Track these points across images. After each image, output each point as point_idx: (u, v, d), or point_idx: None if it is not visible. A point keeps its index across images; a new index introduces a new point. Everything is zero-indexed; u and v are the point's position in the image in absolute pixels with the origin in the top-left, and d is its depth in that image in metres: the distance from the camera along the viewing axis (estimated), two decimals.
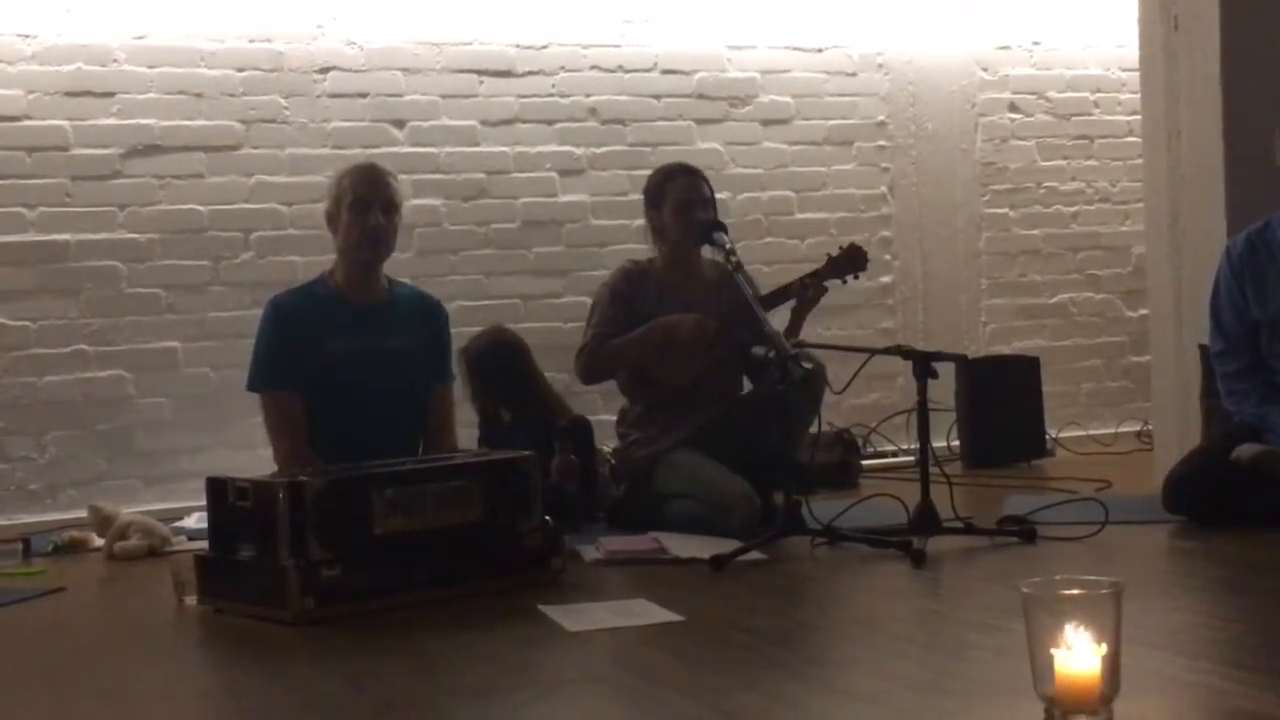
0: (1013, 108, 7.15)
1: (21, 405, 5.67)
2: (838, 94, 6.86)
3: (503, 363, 5.29)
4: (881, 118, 6.92)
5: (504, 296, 6.27)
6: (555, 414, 5.21)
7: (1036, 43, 7.19)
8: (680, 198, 5.02)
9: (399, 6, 6.18)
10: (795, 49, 6.79)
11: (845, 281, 4.97)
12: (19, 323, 5.68)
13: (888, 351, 4.76)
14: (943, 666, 3.04)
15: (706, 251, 5.06)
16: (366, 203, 4.66)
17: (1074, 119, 7.25)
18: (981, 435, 6.28)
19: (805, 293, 4.89)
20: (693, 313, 4.93)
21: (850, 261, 4.92)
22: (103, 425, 5.77)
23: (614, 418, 5.32)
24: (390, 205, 4.72)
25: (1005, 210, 7.13)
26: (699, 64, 6.63)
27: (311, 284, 4.86)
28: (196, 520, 5.07)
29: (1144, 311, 6.27)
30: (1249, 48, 5.21)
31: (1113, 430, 6.95)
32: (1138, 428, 6.81)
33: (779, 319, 4.90)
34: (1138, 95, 5.85)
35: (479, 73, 6.30)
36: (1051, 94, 7.21)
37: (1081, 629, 2.31)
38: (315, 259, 5.63)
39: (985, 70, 7.10)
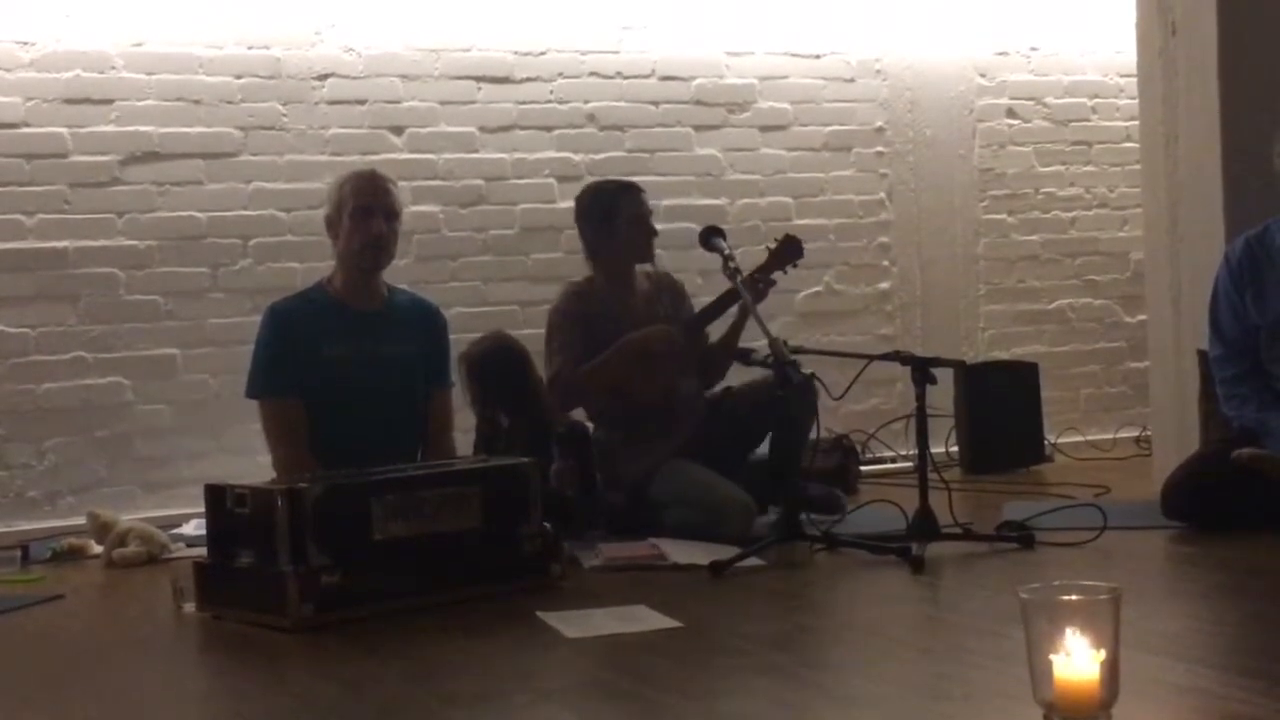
0: (1011, 113, 7.16)
1: (20, 412, 5.67)
2: (836, 100, 6.86)
3: (502, 368, 5.29)
4: (879, 124, 6.93)
5: (502, 303, 6.27)
6: (553, 420, 5.21)
7: (1034, 48, 7.20)
8: (637, 212, 5.07)
9: (397, 13, 6.18)
10: (793, 55, 6.79)
11: (786, 272, 5.06)
12: (18, 330, 5.68)
13: (886, 357, 4.76)
14: (941, 672, 3.04)
15: (659, 262, 5.17)
16: (368, 210, 4.66)
17: (1072, 124, 7.25)
18: (980, 441, 6.28)
19: (755, 287, 4.90)
20: (643, 324, 4.96)
21: (788, 252, 5.02)
22: (101, 432, 5.76)
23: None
24: (391, 212, 4.72)
25: (1003, 216, 7.14)
26: (697, 70, 6.63)
27: (310, 290, 4.87)
28: (195, 527, 5.06)
29: (1142, 317, 6.27)
30: (1247, 53, 5.22)
31: (1111, 436, 6.95)
32: (1136, 433, 6.80)
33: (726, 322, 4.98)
34: (1136, 101, 5.86)
35: (477, 79, 6.31)
36: (1049, 100, 7.22)
37: (1080, 634, 2.31)
38: (314, 265, 5.63)
39: (983, 76, 7.11)
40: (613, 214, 5.07)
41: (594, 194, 5.19)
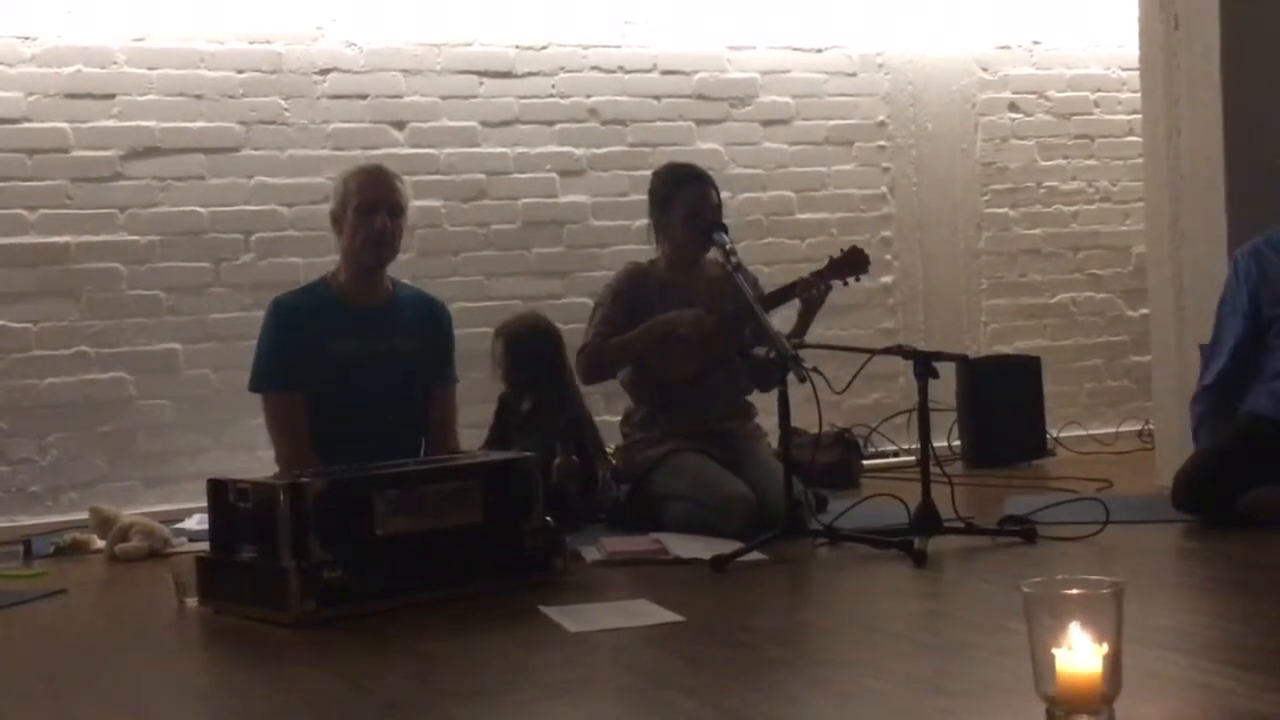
0: (1013, 107, 7.15)
1: (22, 407, 5.67)
2: (838, 94, 6.86)
3: (536, 347, 5.27)
4: (881, 118, 6.92)
5: (505, 297, 6.27)
6: (574, 408, 5.23)
7: (1036, 42, 7.20)
8: (690, 208, 5.01)
9: (399, 8, 6.18)
10: (795, 49, 6.79)
11: (846, 283, 4.95)
12: (20, 325, 5.68)
13: (888, 351, 4.75)
14: (944, 666, 3.04)
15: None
16: (372, 205, 4.66)
17: (1074, 118, 7.25)
18: (982, 435, 6.28)
19: (808, 292, 4.88)
20: (694, 310, 4.93)
21: (851, 264, 4.90)
22: (103, 427, 5.77)
23: (616, 418, 5.33)
24: (396, 208, 4.71)
25: (1006, 210, 7.13)
26: (699, 64, 6.63)
27: (314, 285, 4.86)
28: (197, 522, 5.07)
29: (1145, 311, 6.27)
30: (1249, 46, 5.22)
31: (1114, 430, 6.95)
32: (1139, 427, 6.80)
33: (786, 321, 4.90)
34: (1138, 94, 5.86)
35: (479, 74, 6.31)
36: (1052, 93, 7.21)
37: (1083, 629, 2.31)
38: (316, 260, 5.64)
39: (985, 70, 7.10)
40: (669, 205, 5.06)
41: (659, 179, 5.15)
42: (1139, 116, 5.93)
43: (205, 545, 4.02)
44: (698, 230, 4.95)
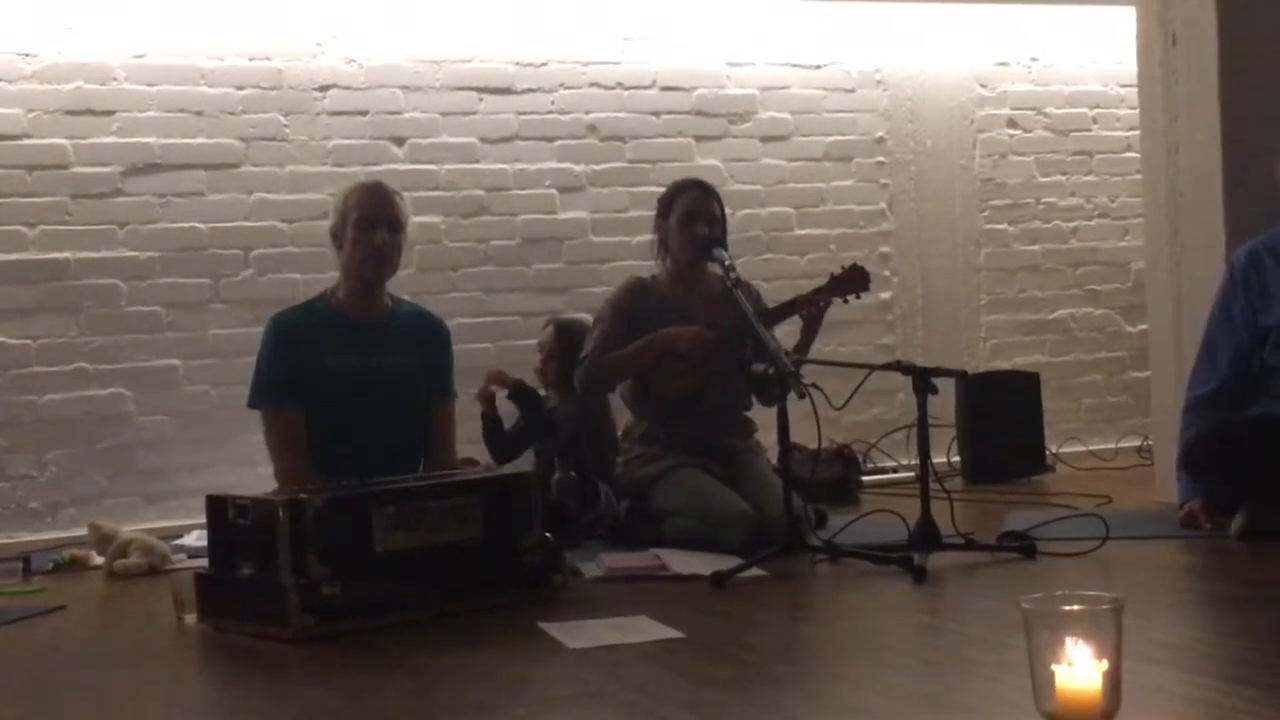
0: (1011, 123, 7.17)
1: (22, 423, 5.67)
2: (836, 110, 6.87)
3: (579, 340, 5.30)
4: (880, 134, 6.94)
5: (504, 313, 6.28)
6: (577, 421, 5.26)
7: (1035, 59, 7.21)
8: (686, 210, 5.02)
9: (398, 24, 6.19)
10: (794, 65, 6.80)
11: (847, 300, 4.94)
12: (19, 341, 5.68)
13: (887, 367, 4.76)
14: (943, 682, 3.03)
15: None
16: (372, 221, 4.67)
17: (1073, 134, 7.27)
18: (982, 451, 6.28)
19: (808, 309, 4.88)
20: (694, 325, 4.93)
21: (851, 281, 4.88)
22: (103, 443, 5.77)
23: (615, 433, 5.33)
24: (396, 224, 4.72)
25: (1004, 226, 7.14)
26: (698, 81, 6.64)
27: (313, 301, 4.87)
28: (196, 538, 5.07)
29: (1144, 327, 6.28)
30: (1247, 63, 5.23)
31: (1113, 445, 6.95)
32: (1138, 443, 6.80)
33: (789, 338, 4.91)
34: (1136, 111, 5.87)
35: (478, 90, 6.32)
36: (1050, 110, 7.23)
37: (1082, 644, 2.31)
38: (315, 276, 5.65)
39: (984, 86, 7.12)
40: (669, 209, 5.07)
41: (668, 188, 5.18)
42: (1137, 133, 5.94)
43: (204, 561, 4.02)
44: (693, 231, 4.96)
